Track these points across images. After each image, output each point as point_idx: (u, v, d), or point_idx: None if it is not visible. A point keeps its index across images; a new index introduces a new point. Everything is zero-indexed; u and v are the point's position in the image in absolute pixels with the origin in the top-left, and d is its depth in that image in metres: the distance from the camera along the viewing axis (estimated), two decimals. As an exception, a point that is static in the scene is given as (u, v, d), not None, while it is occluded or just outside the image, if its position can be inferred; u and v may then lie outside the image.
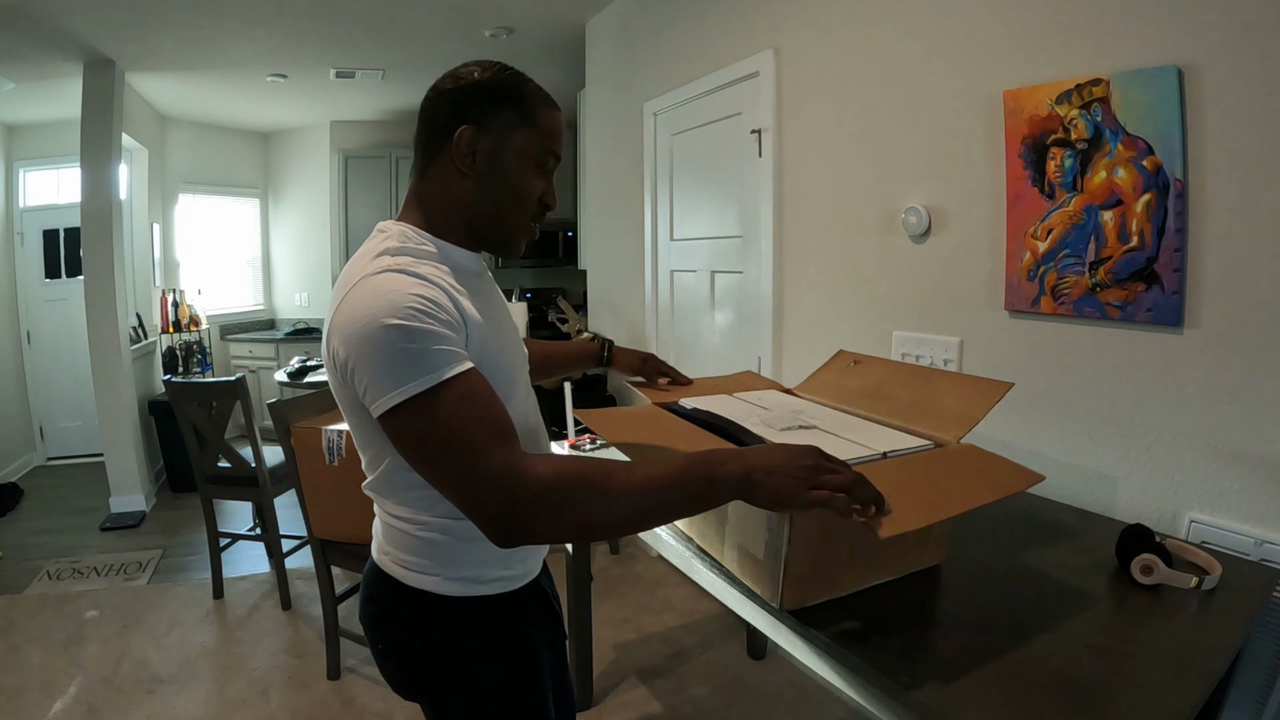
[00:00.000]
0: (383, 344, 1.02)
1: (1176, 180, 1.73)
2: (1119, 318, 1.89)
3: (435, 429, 1.02)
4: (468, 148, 1.20)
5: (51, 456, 6.61)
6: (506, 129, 1.21)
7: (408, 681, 1.32)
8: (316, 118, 7.20)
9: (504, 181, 1.23)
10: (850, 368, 1.85)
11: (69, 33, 4.34)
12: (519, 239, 1.30)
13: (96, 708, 2.90)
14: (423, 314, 1.04)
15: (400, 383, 1.02)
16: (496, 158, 1.22)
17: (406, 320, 1.03)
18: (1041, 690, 1.13)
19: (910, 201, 2.43)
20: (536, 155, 1.25)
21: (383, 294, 1.05)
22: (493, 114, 1.21)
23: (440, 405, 1.02)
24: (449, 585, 1.24)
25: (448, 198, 1.24)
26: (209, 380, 3.78)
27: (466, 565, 1.25)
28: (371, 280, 1.08)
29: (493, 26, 4.60)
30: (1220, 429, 1.74)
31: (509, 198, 1.25)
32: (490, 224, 1.26)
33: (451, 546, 1.24)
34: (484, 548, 1.22)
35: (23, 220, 6.29)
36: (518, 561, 1.32)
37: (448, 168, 1.23)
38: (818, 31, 2.78)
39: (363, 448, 1.25)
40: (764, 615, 1.46)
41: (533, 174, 1.25)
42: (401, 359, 1.02)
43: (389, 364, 1.02)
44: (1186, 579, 1.44)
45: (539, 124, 1.24)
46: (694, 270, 3.73)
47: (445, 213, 1.25)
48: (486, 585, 1.27)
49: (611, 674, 3.12)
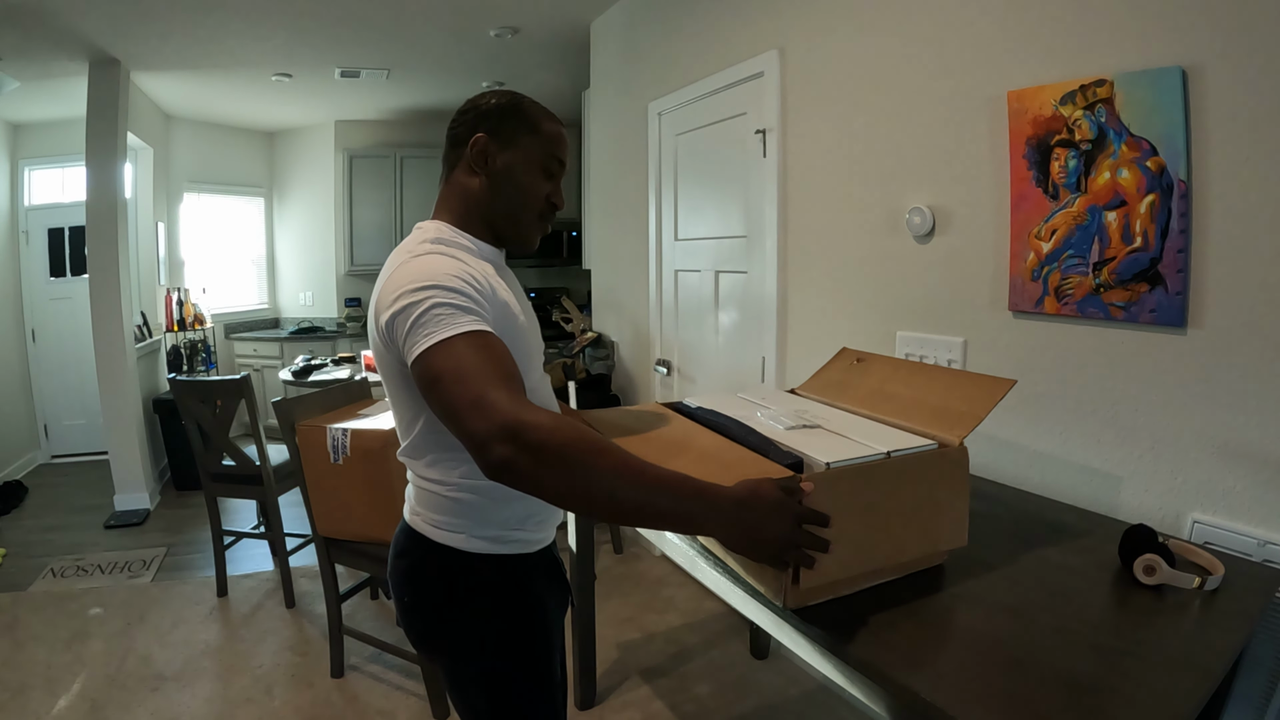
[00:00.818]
0: (423, 300, 1.16)
1: (1180, 181, 1.73)
2: (1123, 318, 1.89)
3: (453, 364, 1.10)
4: (480, 152, 1.40)
5: (56, 454, 6.63)
6: (514, 135, 1.41)
7: (429, 635, 1.42)
8: (321, 117, 7.21)
9: (513, 181, 1.41)
10: (853, 366, 1.85)
11: (74, 32, 4.36)
12: (531, 234, 1.48)
13: (100, 705, 2.91)
14: (461, 280, 1.20)
15: (434, 330, 1.13)
16: (506, 160, 1.40)
17: (446, 283, 1.18)
18: (1045, 690, 1.13)
19: (914, 202, 2.43)
20: (541, 159, 1.43)
21: (426, 266, 1.21)
22: (502, 125, 1.40)
23: (462, 347, 1.11)
24: (474, 542, 1.36)
25: (467, 200, 1.42)
26: (213, 379, 3.79)
27: (490, 525, 1.37)
28: (416, 259, 1.25)
29: (497, 26, 4.60)
30: (1223, 430, 1.74)
31: (518, 196, 1.42)
32: (504, 219, 1.43)
33: (478, 506, 1.36)
34: (507, 509, 1.38)
35: (28, 219, 6.31)
36: (535, 525, 1.43)
37: (465, 173, 1.42)
38: (822, 32, 2.78)
39: (399, 414, 1.39)
40: (768, 614, 1.47)
41: (538, 176, 1.43)
42: (438, 312, 1.14)
43: (427, 316, 1.14)
44: (1189, 579, 1.44)
45: (541, 132, 1.43)
46: (698, 270, 3.74)
47: (467, 211, 1.42)
48: (507, 545, 1.39)
49: (615, 673, 3.12)
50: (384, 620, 3.59)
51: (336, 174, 7.27)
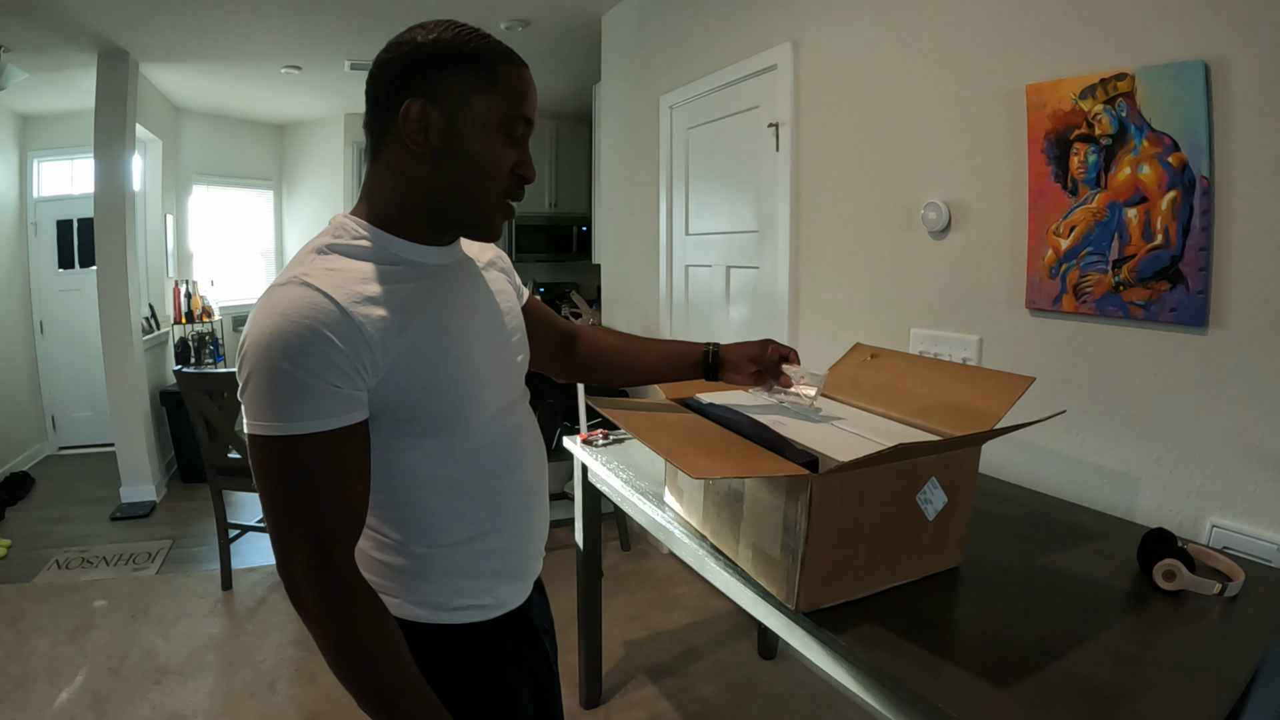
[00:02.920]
0: (256, 371, 0.95)
1: (1203, 177, 1.69)
2: (1142, 317, 1.85)
3: (268, 476, 0.99)
4: (417, 123, 1.03)
5: (63, 446, 6.63)
6: (461, 95, 1.04)
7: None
8: (331, 110, 7.19)
9: (465, 156, 1.06)
10: (867, 361, 1.82)
11: (83, 23, 4.34)
12: (492, 219, 1.13)
13: (102, 697, 2.91)
14: (303, 353, 0.95)
15: (258, 415, 0.96)
16: (453, 130, 1.05)
17: (283, 360, 0.94)
18: (1061, 697, 1.10)
19: (929, 197, 2.40)
20: (501, 121, 1.07)
21: (276, 314, 0.96)
22: (443, 79, 1.04)
23: (281, 456, 0.97)
24: (410, 610, 1.15)
25: (401, 184, 1.09)
26: (220, 371, 3.78)
27: (426, 591, 1.16)
28: (276, 291, 0.99)
29: (508, 19, 4.57)
30: (1244, 432, 1.70)
31: (473, 174, 1.08)
32: (455, 205, 1.10)
33: (409, 571, 1.15)
34: (445, 575, 1.17)
35: (36, 210, 6.31)
36: (483, 592, 1.20)
37: (399, 149, 1.06)
38: (837, 24, 2.75)
39: None
40: (778, 616, 1.44)
41: (499, 143, 1.08)
42: (269, 394, 0.95)
43: (257, 392, 0.96)
44: (1210, 585, 1.41)
45: (500, 84, 1.06)
46: (709, 265, 3.71)
47: (399, 202, 1.10)
48: (451, 614, 1.18)
49: (621, 671, 3.10)
50: (389, 616, 3.57)
51: (346, 167, 7.25)
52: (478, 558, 1.18)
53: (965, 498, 1.46)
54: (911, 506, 1.38)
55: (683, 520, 1.82)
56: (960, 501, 1.45)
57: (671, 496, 1.89)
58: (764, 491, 1.42)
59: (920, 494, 1.38)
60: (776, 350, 1.61)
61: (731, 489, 1.56)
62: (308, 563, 0.99)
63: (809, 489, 1.26)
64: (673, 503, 1.88)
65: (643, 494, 2.01)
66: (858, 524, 1.33)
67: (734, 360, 1.60)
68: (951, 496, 1.43)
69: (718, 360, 1.61)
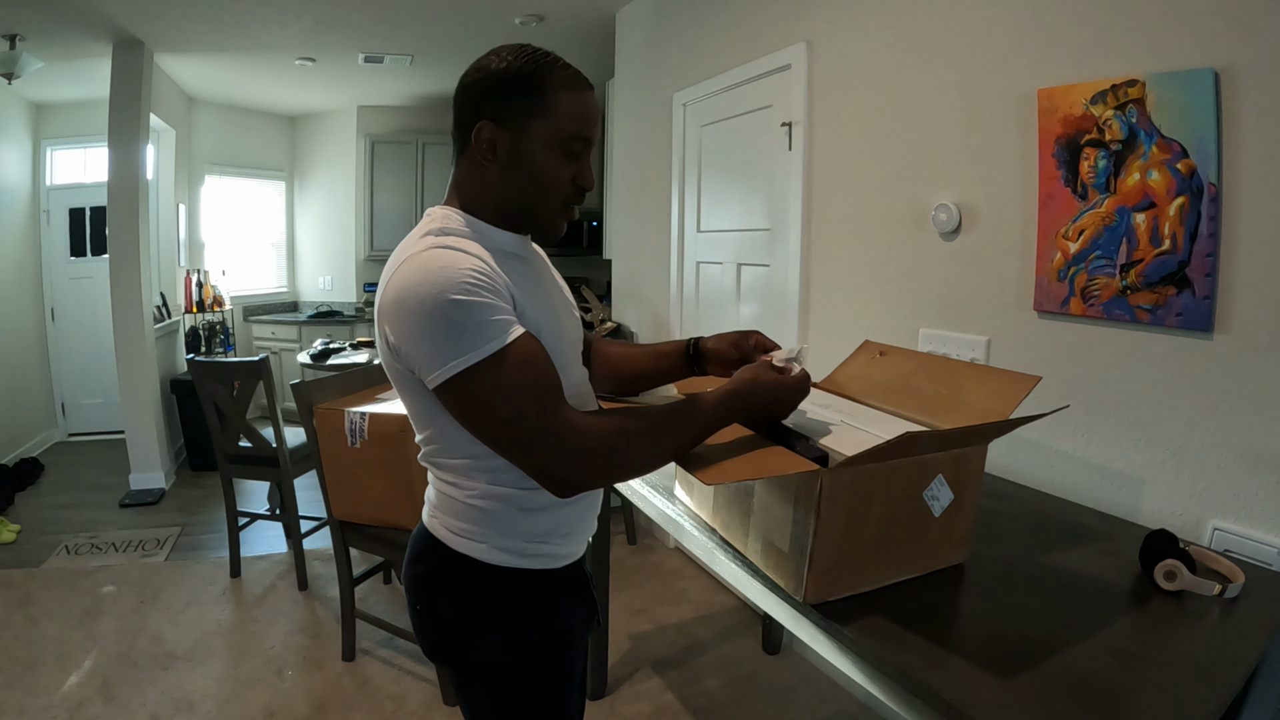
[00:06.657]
0: (438, 317, 1.06)
1: (1211, 184, 1.71)
2: (1149, 321, 1.87)
3: (495, 396, 1.08)
4: (486, 143, 1.21)
5: (73, 433, 6.68)
6: (524, 119, 1.19)
7: (440, 646, 1.36)
8: (344, 102, 7.22)
9: (528, 171, 1.22)
10: (876, 359, 1.84)
11: (99, 13, 4.38)
12: (553, 224, 1.29)
13: (111, 682, 2.94)
14: (474, 285, 1.08)
15: (459, 352, 1.06)
16: (518, 149, 1.21)
17: (459, 294, 1.06)
18: (1063, 693, 1.12)
19: (940, 198, 2.41)
20: (560, 142, 1.21)
21: (432, 269, 1.09)
22: (509, 105, 1.19)
23: (497, 373, 1.08)
24: (494, 554, 1.27)
25: (479, 187, 1.26)
26: (232, 360, 3.81)
27: (514, 536, 1.28)
28: (418, 257, 1.11)
29: (522, 14, 4.59)
30: (1247, 436, 1.72)
31: (535, 187, 1.23)
32: (520, 211, 1.27)
33: (501, 515, 1.27)
34: (531, 520, 1.29)
35: (49, 198, 6.35)
36: (561, 538, 1.34)
37: (474, 160, 1.24)
38: (850, 25, 2.77)
39: (417, 420, 1.29)
40: (786, 608, 1.46)
41: (558, 161, 1.22)
42: (457, 331, 1.06)
43: (445, 336, 1.06)
44: (1210, 586, 1.42)
45: (559, 111, 1.20)
46: (720, 262, 3.72)
47: (478, 200, 1.26)
48: (531, 559, 1.30)
49: (626, 664, 3.13)
50: (397, 605, 3.60)
51: (358, 159, 7.28)
52: (558, 512, 1.32)
53: (972, 496, 1.48)
54: (919, 503, 1.40)
55: (692, 513, 1.84)
56: (967, 499, 1.47)
57: (682, 490, 1.91)
58: (774, 485, 1.45)
59: (927, 490, 1.40)
60: (759, 342, 1.60)
61: (742, 483, 1.58)
62: (569, 424, 1.12)
63: (819, 484, 1.28)
64: (683, 496, 1.90)
65: (652, 487, 2.03)
66: (866, 519, 1.35)
67: (715, 349, 1.61)
68: (958, 494, 1.45)
69: (699, 352, 1.63)
